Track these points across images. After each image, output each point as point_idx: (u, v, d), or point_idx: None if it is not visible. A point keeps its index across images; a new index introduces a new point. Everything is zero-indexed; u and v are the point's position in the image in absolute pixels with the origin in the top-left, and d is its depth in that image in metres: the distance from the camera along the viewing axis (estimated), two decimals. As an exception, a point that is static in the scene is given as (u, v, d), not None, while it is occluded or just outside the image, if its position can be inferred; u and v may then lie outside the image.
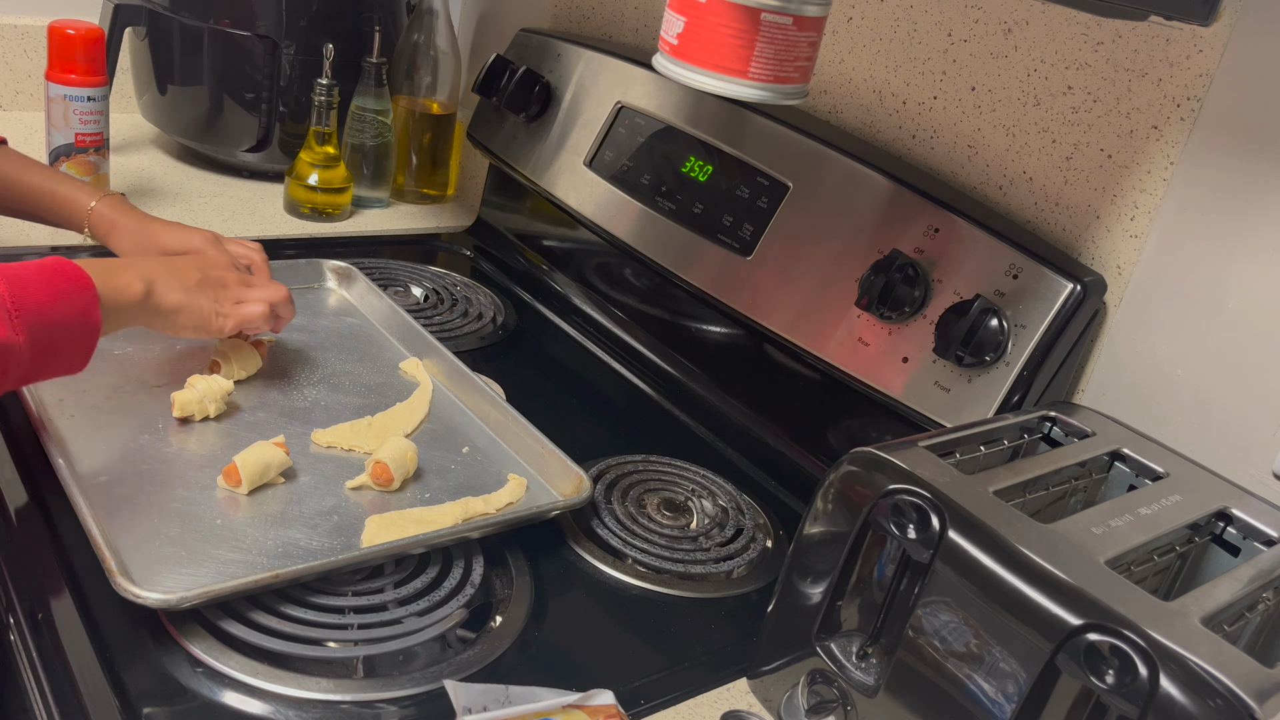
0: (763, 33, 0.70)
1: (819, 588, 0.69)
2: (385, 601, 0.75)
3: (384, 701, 0.68)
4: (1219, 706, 0.51)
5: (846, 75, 1.09)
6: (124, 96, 1.48)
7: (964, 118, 0.99)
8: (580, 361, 1.19)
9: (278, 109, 1.36)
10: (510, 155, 1.32)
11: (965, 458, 0.72)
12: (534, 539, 0.85)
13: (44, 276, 0.74)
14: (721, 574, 0.87)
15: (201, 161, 1.44)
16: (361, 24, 1.36)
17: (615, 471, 0.96)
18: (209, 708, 0.65)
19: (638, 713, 0.71)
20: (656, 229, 1.13)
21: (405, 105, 1.43)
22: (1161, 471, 0.74)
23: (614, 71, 1.22)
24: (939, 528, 0.62)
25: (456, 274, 1.31)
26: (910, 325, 0.91)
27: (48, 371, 0.75)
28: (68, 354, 0.76)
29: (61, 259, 0.78)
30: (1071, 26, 0.90)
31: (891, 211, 0.94)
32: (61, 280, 0.75)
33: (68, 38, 1.16)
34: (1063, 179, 0.92)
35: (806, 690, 0.70)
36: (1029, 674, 0.57)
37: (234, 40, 1.32)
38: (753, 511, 0.96)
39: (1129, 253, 0.88)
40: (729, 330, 1.10)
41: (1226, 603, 0.59)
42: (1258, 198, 0.79)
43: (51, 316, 0.73)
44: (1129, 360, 0.88)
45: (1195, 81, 0.82)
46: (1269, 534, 0.69)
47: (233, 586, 0.70)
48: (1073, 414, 0.79)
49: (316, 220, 1.34)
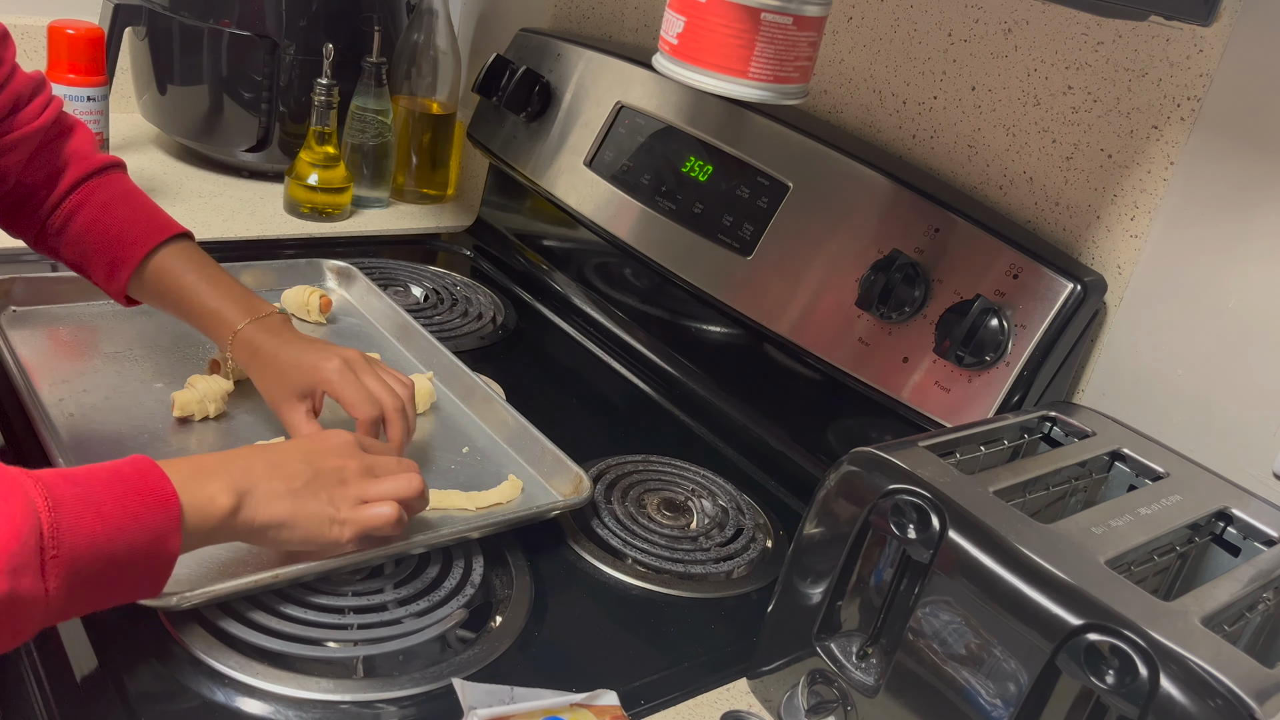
0: (763, 32, 0.70)
1: (819, 588, 0.69)
2: (385, 601, 0.75)
3: (384, 701, 0.68)
4: (1219, 706, 0.51)
5: (846, 75, 1.09)
6: (124, 96, 1.48)
7: (964, 118, 0.99)
8: (580, 361, 1.19)
9: (278, 109, 1.36)
10: (510, 155, 1.32)
11: (965, 458, 0.72)
12: (534, 539, 0.85)
13: (113, 492, 0.58)
14: (721, 574, 0.87)
15: (201, 161, 1.44)
16: (361, 24, 1.36)
17: (615, 471, 0.96)
18: (209, 708, 0.65)
19: (638, 713, 0.71)
20: (656, 229, 1.13)
21: (405, 105, 1.43)
22: (1161, 471, 0.74)
23: (614, 71, 1.22)
24: (939, 528, 0.62)
25: (456, 274, 1.31)
26: (910, 325, 0.91)
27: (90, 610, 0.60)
28: (125, 590, 0.61)
29: (145, 460, 0.62)
30: (1071, 26, 0.90)
31: (891, 211, 0.94)
32: (135, 498, 0.59)
33: (68, 38, 1.16)
34: (1063, 179, 0.92)
35: (806, 690, 0.70)
36: (1029, 674, 0.57)
37: (234, 40, 1.32)
38: (753, 511, 0.96)
39: (1129, 252, 0.88)
40: (729, 330, 1.10)
41: (1226, 603, 0.59)
42: (1258, 197, 0.79)
43: (109, 549, 0.57)
44: (1129, 360, 0.88)
45: (1195, 81, 0.82)
46: (1269, 534, 0.69)
47: (233, 586, 0.70)
48: (1073, 414, 0.79)
49: (316, 220, 1.34)
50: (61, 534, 0.55)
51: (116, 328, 0.99)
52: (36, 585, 0.54)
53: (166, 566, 0.61)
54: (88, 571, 0.56)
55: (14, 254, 1.09)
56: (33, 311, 0.99)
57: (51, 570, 0.54)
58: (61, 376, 0.90)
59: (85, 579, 0.56)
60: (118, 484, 0.59)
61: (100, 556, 0.57)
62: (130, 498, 0.59)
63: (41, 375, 0.90)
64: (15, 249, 1.11)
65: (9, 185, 0.86)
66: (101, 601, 0.60)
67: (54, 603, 0.55)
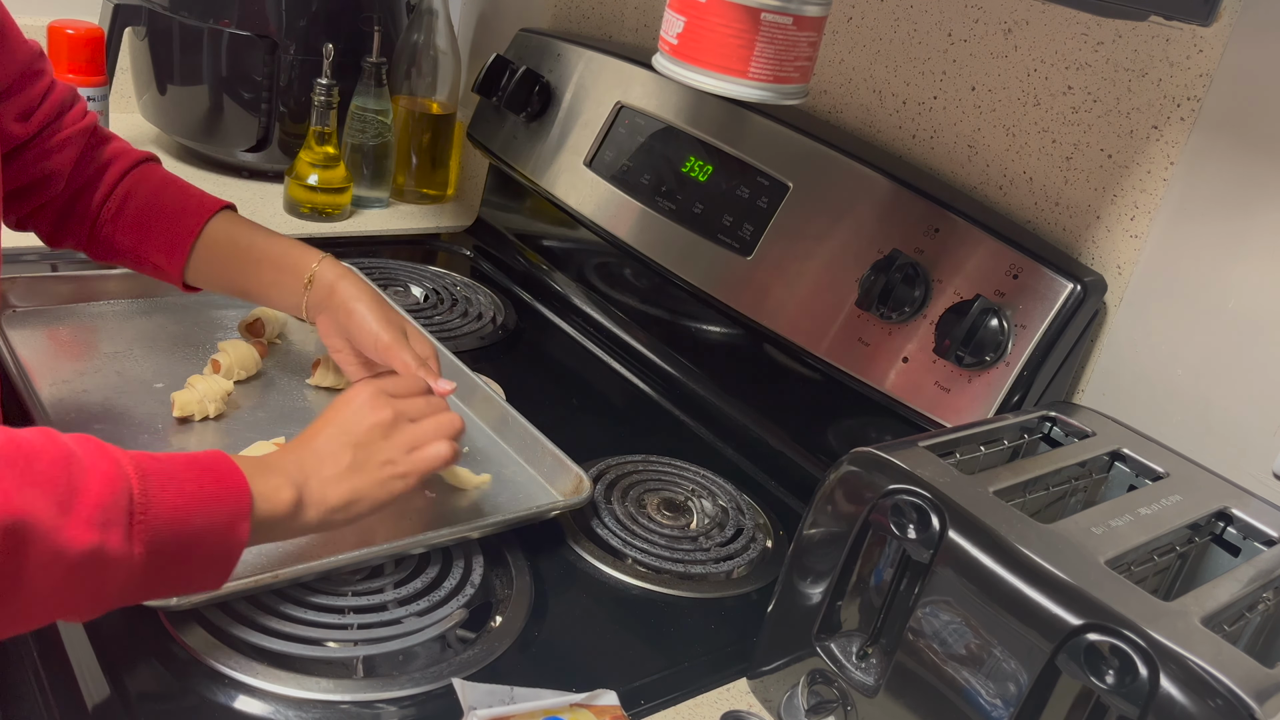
0: (763, 33, 0.70)
1: (819, 588, 0.69)
2: (385, 601, 0.75)
3: (384, 701, 0.68)
4: (1219, 706, 0.51)
5: (846, 75, 1.09)
6: (124, 96, 1.48)
7: (964, 118, 0.99)
8: (580, 361, 1.19)
9: (278, 109, 1.36)
10: (510, 155, 1.32)
11: (965, 458, 0.72)
12: (534, 539, 0.85)
13: (191, 473, 0.60)
14: (721, 574, 0.87)
15: (201, 161, 1.44)
16: (361, 24, 1.36)
17: (615, 471, 0.96)
18: (209, 708, 0.65)
19: (638, 713, 0.71)
20: (656, 229, 1.13)
21: (405, 105, 1.43)
22: (1161, 471, 0.74)
23: (614, 71, 1.22)
24: (939, 528, 0.62)
25: (456, 274, 1.31)
26: (910, 325, 0.91)
27: (161, 591, 0.60)
28: (196, 574, 0.61)
29: (218, 453, 0.63)
30: (1071, 26, 0.90)
31: (891, 211, 0.94)
32: (212, 481, 0.61)
33: (68, 38, 1.16)
34: (1063, 179, 0.92)
35: (806, 690, 0.70)
36: (1029, 674, 0.57)
37: (234, 40, 1.32)
38: (753, 511, 0.96)
39: (1129, 253, 0.88)
40: (729, 330, 1.10)
41: (1226, 603, 0.59)
42: (1257, 198, 0.79)
43: (188, 526, 0.58)
44: (1129, 360, 0.88)
45: (1195, 81, 0.82)
46: (1269, 534, 0.69)
47: (233, 586, 0.70)
48: (1073, 414, 0.79)
49: (316, 220, 1.34)
50: (150, 500, 0.56)
51: (116, 328, 1.00)
52: (124, 546, 0.55)
53: (235, 552, 0.62)
54: (168, 544, 0.57)
55: (14, 254, 1.09)
56: (33, 311, 0.99)
57: (138, 533, 0.55)
58: (61, 376, 0.90)
59: (165, 551, 0.57)
60: (196, 467, 0.60)
61: (180, 531, 0.58)
62: (207, 480, 0.60)
63: (41, 375, 0.90)
64: (15, 249, 1.11)
65: (60, 187, 0.88)
66: (173, 582, 0.60)
67: (136, 568, 0.56)
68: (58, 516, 0.52)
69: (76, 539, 0.52)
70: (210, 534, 0.60)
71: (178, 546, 0.58)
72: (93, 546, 0.53)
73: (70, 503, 0.53)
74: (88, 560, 0.53)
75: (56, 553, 0.52)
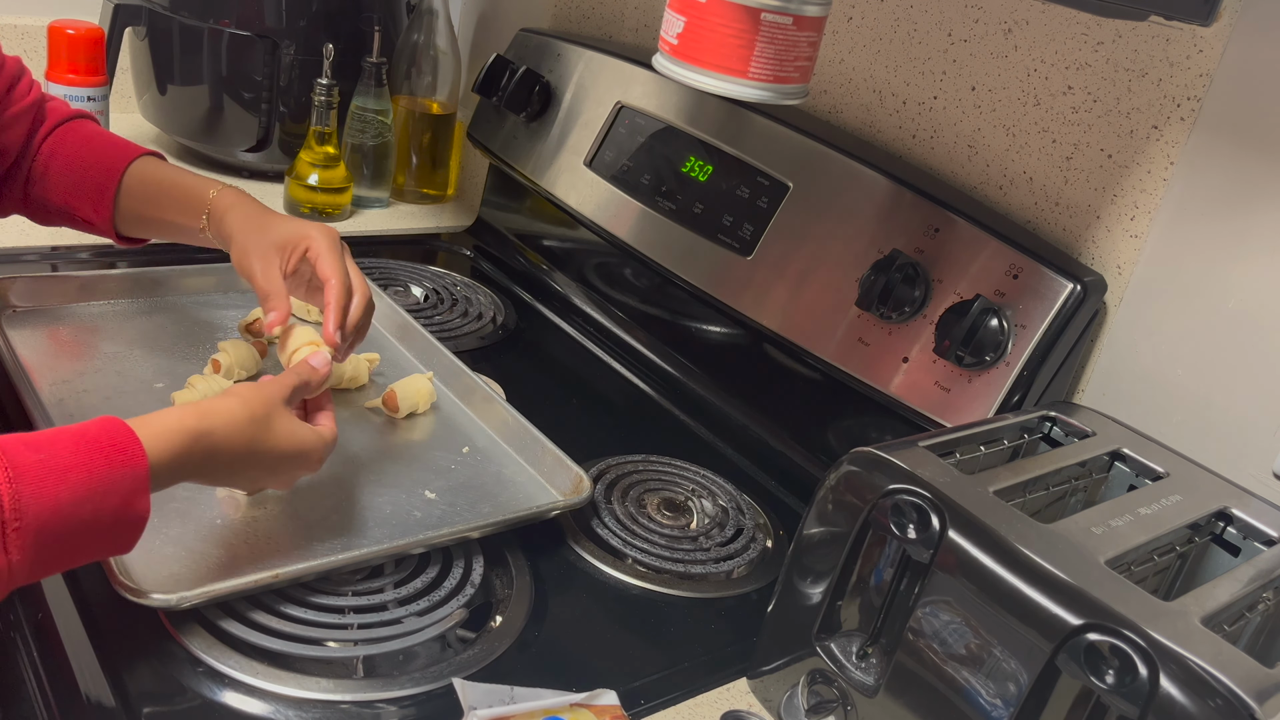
0: (763, 33, 0.70)
1: (819, 588, 0.69)
2: (385, 601, 0.75)
3: (384, 701, 0.68)
4: (1219, 706, 0.51)
5: (846, 75, 1.09)
6: (124, 96, 1.48)
7: (964, 118, 0.99)
8: (580, 361, 1.19)
9: (278, 109, 1.36)
10: (510, 155, 1.32)
11: (965, 458, 0.72)
12: (534, 539, 0.85)
13: (78, 457, 0.57)
14: (721, 574, 0.87)
15: (201, 161, 1.44)
16: (361, 24, 1.36)
17: (615, 471, 0.96)
18: (209, 708, 0.65)
19: (638, 713, 0.71)
20: (656, 229, 1.13)
21: (405, 105, 1.43)
22: (1161, 471, 0.74)
23: (614, 71, 1.22)
24: (939, 528, 0.62)
25: (456, 274, 1.31)
26: (910, 325, 0.91)
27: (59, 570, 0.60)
28: (94, 550, 0.60)
29: (112, 421, 0.61)
30: (1071, 26, 0.90)
31: (891, 211, 0.94)
32: (101, 461, 0.58)
33: (68, 38, 1.16)
34: (1063, 179, 0.92)
35: (806, 690, 0.70)
36: (1029, 674, 0.57)
37: (234, 40, 1.32)
38: (753, 511, 0.96)
39: (1129, 253, 0.88)
40: (729, 330, 1.10)
41: (1226, 603, 0.59)
42: (1257, 197, 0.79)
43: (74, 518, 0.56)
44: (1129, 360, 0.88)
45: (1195, 81, 0.82)
46: (1269, 534, 0.69)
47: (233, 586, 0.70)
48: (1073, 414, 0.79)
49: (316, 220, 1.34)
50: (24, 504, 0.54)
51: (116, 328, 0.99)
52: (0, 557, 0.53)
53: (137, 526, 0.61)
54: (53, 537, 0.56)
55: (14, 254, 1.09)
56: (33, 311, 0.99)
57: (14, 541, 0.54)
58: (61, 376, 0.90)
59: (51, 545, 0.56)
60: (83, 447, 0.58)
61: (66, 522, 0.56)
62: (97, 461, 0.58)
63: (41, 375, 0.90)
64: (15, 249, 1.11)
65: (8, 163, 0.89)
66: (70, 563, 0.59)
67: (17, 571, 0.55)
68: None
69: None
70: (104, 515, 0.58)
71: (66, 536, 0.56)
72: None
73: None
74: None
75: None
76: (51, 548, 0.56)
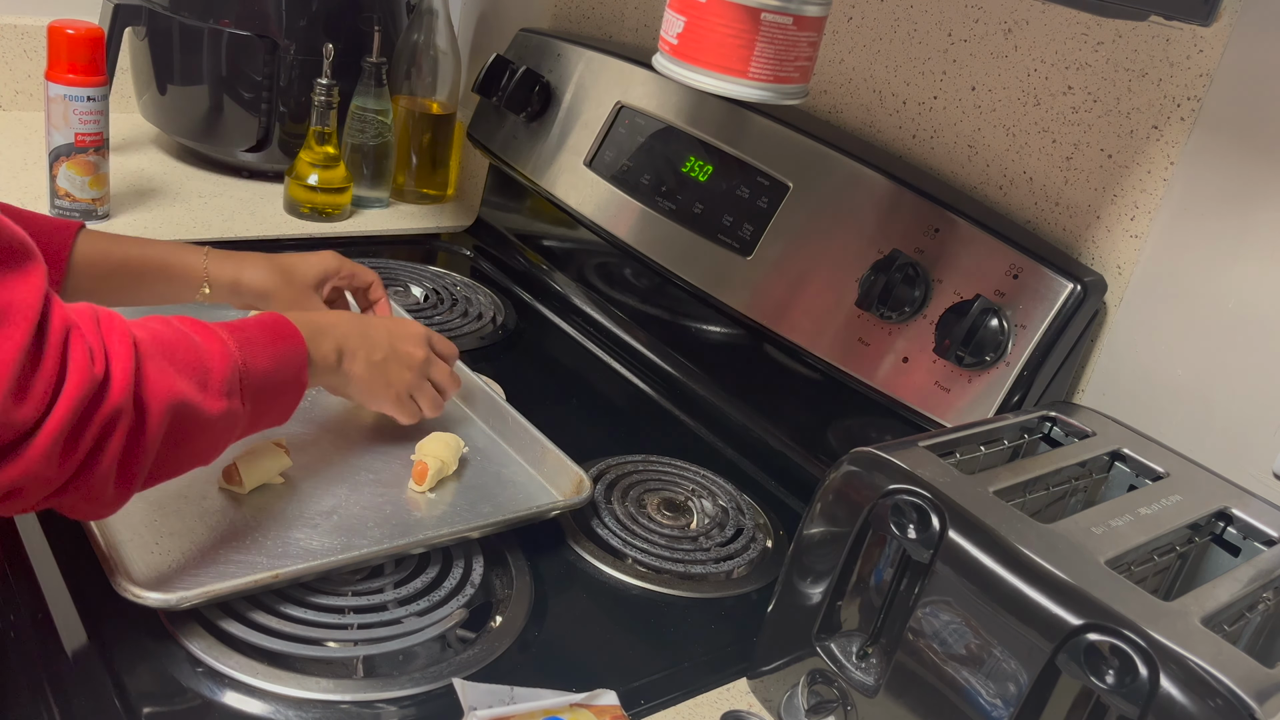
0: (763, 33, 0.70)
1: (819, 588, 0.69)
2: (385, 601, 0.75)
3: (384, 701, 0.68)
4: (1219, 706, 0.51)
5: (846, 75, 1.09)
6: (124, 96, 1.47)
7: (964, 118, 0.99)
8: (580, 361, 1.19)
9: (278, 109, 1.36)
10: (510, 155, 1.32)
11: (965, 458, 0.72)
12: (534, 539, 0.85)
13: (267, 337, 0.74)
14: (721, 574, 0.87)
15: (201, 161, 1.44)
16: (361, 24, 1.36)
17: (615, 471, 0.96)
18: (209, 708, 0.65)
19: (638, 713, 0.71)
20: (656, 229, 1.13)
21: (405, 105, 1.43)
22: (1161, 471, 0.74)
23: (614, 71, 1.22)
24: (939, 528, 0.62)
25: (456, 274, 1.31)
26: (910, 325, 0.91)
27: (257, 429, 0.75)
28: (278, 412, 0.76)
29: (278, 316, 0.77)
30: (1071, 26, 0.90)
31: (891, 211, 0.94)
32: (282, 342, 0.75)
33: (68, 38, 1.16)
34: (1063, 179, 0.92)
35: (806, 690, 0.70)
36: (1029, 674, 0.57)
37: (234, 40, 1.32)
38: (753, 511, 0.96)
39: (1129, 253, 0.88)
40: (729, 330, 1.10)
41: (1226, 603, 0.59)
42: (1258, 197, 0.79)
43: (272, 380, 0.73)
44: (1129, 360, 0.88)
45: (1195, 81, 0.82)
46: (1269, 534, 0.69)
47: (233, 586, 0.70)
48: (1073, 414, 0.79)
49: (316, 220, 1.34)
50: (249, 367, 0.71)
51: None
52: (241, 405, 0.70)
53: (300, 393, 0.78)
54: (263, 396, 0.72)
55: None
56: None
57: (247, 394, 0.70)
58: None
59: (261, 401, 0.72)
60: (268, 333, 0.75)
61: (269, 385, 0.73)
62: (279, 342, 0.75)
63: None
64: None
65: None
66: (264, 422, 0.75)
67: (246, 419, 0.71)
68: (200, 392, 0.66)
69: (215, 407, 0.67)
70: (286, 381, 0.76)
71: (269, 396, 0.73)
72: (225, 411, 0.68)
73: (206, 381, 0.67)
74: (222, 421, 0.68)
75: (205, 420, 0.67)
76: (263, 402, 0.73)
